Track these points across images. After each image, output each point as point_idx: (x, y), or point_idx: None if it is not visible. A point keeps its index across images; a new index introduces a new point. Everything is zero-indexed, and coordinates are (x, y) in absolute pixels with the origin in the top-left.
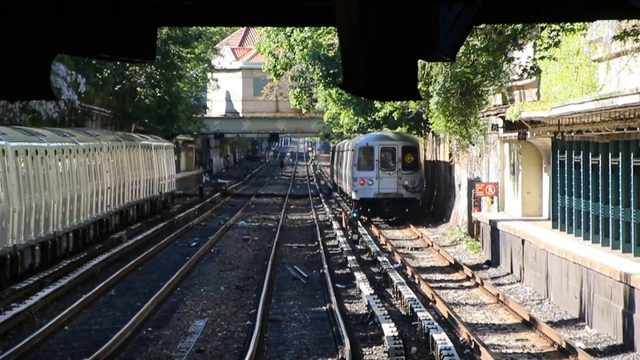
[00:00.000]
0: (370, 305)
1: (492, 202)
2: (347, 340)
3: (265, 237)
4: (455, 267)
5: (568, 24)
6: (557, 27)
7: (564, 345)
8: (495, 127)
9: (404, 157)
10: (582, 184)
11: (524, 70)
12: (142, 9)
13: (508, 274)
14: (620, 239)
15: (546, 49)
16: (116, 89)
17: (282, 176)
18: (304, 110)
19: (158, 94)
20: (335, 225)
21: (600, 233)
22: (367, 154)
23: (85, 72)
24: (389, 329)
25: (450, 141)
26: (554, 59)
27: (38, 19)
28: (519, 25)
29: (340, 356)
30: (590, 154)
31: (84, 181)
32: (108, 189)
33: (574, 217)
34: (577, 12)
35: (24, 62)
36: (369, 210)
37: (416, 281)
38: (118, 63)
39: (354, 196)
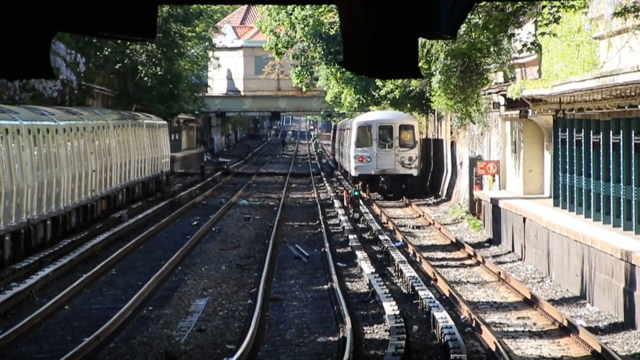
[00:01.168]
0: (372, 283)
1: (494, 180)
2: (348, 319)
3: (267, 216)
4: (457, 245)
5: (569, 1)
6: (558, 4)
7: (565, 323)
8: (496, 105)
9: (401, 135)
10: (583, 162)
11: (524, 45)
12: None
13: (509, 252)
14: (621, 216)
15: (547, 25)
16: (117, 67)
17: (284, 155)
18: (305, 89)
19: (159, 73)
20: (336, 203)
21: (602, 211)
22: (366, 132)
23: (85, 51)
24: (390, 307)
25: (451, 119)
26: (554, 35)
27: None
28: (520, 2)
29: (341, 335)
30: (592, 131)
31: (65, 164)
32: (93, 172)
33: (575, 195)
34: None
35: (23, 41)
36: (367, 186)
37: (417, 259)
38: (119, 42)
39: (353, 173)
